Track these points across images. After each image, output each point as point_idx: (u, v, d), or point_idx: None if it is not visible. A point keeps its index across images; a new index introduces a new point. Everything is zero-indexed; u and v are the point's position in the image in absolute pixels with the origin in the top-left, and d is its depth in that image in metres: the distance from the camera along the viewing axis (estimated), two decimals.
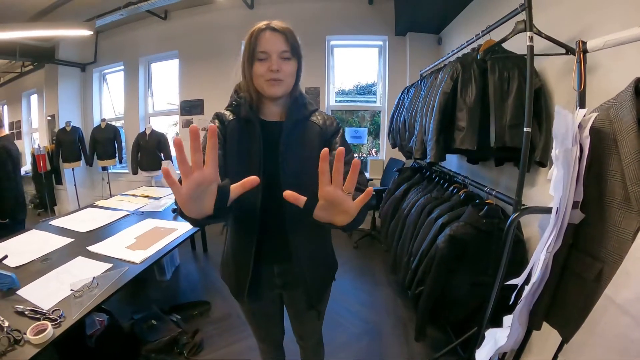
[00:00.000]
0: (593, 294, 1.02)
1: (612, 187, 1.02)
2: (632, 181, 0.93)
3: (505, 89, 2.14)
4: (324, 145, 1.30)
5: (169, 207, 3.53)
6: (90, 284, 1.90)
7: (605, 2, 1.69)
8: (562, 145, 1.07)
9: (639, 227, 0.92)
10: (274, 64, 1.22)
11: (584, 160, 1.06)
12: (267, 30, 1.22)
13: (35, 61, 6.85)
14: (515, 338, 1.34)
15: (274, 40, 1.21)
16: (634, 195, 0.93)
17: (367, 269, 4.16)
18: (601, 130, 1.05)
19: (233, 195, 0.91)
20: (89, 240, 2.59)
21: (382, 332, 2.90)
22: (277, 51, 1.22)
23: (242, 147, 1.31)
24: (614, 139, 1.01)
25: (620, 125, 0.98)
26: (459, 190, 2.63)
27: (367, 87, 6.10)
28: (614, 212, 1.01)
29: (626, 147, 0.95)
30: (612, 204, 1.02)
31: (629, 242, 0.93)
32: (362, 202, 0.93)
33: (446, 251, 2.10)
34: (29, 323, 1.55)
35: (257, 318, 1.68)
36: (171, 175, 0.80)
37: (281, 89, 1.27)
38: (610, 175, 1.02)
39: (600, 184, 1.06)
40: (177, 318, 2.87)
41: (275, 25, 1.23)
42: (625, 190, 0.96)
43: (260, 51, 1.22)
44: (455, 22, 4.23)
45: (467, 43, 2.62)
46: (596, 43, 1.44)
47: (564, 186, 1.07)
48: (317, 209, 0.97)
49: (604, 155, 1.05)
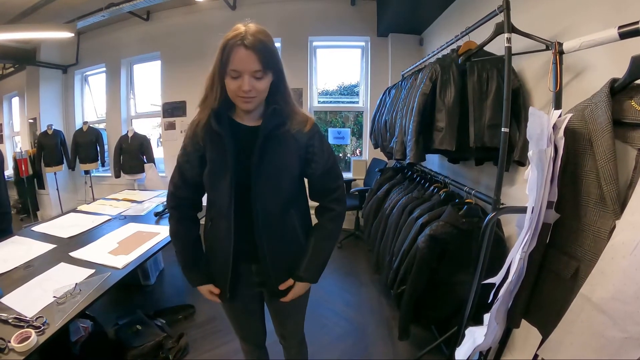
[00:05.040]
0: (570, 292, 1.04)
1: (587, 187, 1.04)
2: (607, 181, 0.94)
3: (484, 90, 2.17)
4: (299, 151, 1.36)
5: (152, 210, 3.49)
6: (73, 291, 1.87)
7: (583, 3, 1.72)
8: (537, 146, 1.09)
9: (613, 226, 0.93)
10: (245, 84, 1.21)
11: (559, 161, 1.08)
12: (240, 47, 1.18)
13: (16, 63, 6.75)
14: (493, 337, 1.36)
15: (246, 59, 1.19)
16: (609, 195, 0.94)
17: (352, 269, 4.17)
18: (576, 130, 1.07)
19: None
20: (71, 246, 2.55)
21: (366, 332, 2.91)
22: (249, 71, 1.20)
23: (216, 153, 1.33)
24: (589, 139, 1.02)
25: (595, 126, 1.00)
26: (439, 190, 2.66)
27: (350, 88, 6.12)
28: (590, 212, 1.03)
29: (601, 147, 0.97)
30: (588, 203, 1.04)
31: (605, 240, 0.95)
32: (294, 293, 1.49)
33: (426, 250, 2.12)
34: (13, 331, 1.52)
35: (239, 317, 1.70)
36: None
37: (253, 104, 1.29)
38: (586, 175, 1.04)
39: (575, 183, 1.09)
40: (162, 322, 2.84)
41: (249, 41, 1.18)
42: (600, 189, 0.98)
43: (232, 69, 1.20)
44: (437, 23, 4.27)
45: (447, 44, 2.64)
46: (572, 44, 1.47)
47: (538, 186, 1.09)
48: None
49: (580, 156, 1.07)
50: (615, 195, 0.93)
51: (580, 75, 1.69)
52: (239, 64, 1.19)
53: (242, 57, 1.18)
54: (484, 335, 1.36)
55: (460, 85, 2.24)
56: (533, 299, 1.27)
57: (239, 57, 1.18)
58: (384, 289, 3.46)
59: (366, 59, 5.56)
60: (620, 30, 1.15)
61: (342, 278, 3.99)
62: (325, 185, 1.49)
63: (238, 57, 1.18)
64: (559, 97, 1.60)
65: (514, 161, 2.09)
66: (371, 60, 5.42)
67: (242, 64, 1.19)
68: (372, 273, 3.80)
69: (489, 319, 1.33)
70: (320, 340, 2.77)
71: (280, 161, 1.34)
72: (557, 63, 1.56)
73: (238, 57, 1.18)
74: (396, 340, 2.60)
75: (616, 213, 0.93)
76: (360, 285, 3.76)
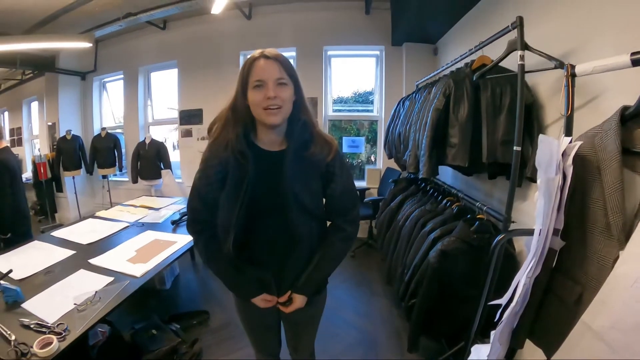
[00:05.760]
0: (573, 317, 1.04)
1: (594, 215, 1.04)
2: (613, 211, 0.95)
3: (498, 105, 2.18)
4: (321, 170, 1.40)
5: (169, 218, 3.56)
6: (93, 298, 1.93)
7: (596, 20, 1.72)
8: (545, 174, 1.10)
9: (618, 256, 0.93)
10: (270, 90, 1.23)
11: (566, 189, 1.08)
12: (260, 59, 1.23)
13: (36, 70, 6.88)
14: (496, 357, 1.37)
15: (268, 68, 1.23)
16: (614, 224, 0.94)
17: (364, 279, 4.18)
18: (586, 158, 1.07)
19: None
20: (90, 253, 2.62)
21: (377, 342, 2.93)
22: (272, 78, 1.23)
23: (237, 175, 1.35)
24: (597, 167, 1.02)
25: (604, 155, 0.99)
26: (452, 204, 2.67)
27: (365, 95, 6.12)
28: (596, 239, 1.03)
29: (609, 175, 0.96)
30: (594, 230, 1.04)
31: (609, 269, 0.94)
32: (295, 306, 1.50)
33: (437, 265, 2.14)
34: (35, 336, 1.58)
35: (255, 330, 1.73)
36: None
37: (280, 117, 1.29)
38: (593, 203, 1.04)
39: (583, 210, 1.08)
40: (177, 327, 2.89)
41: (269, 53, 1.24)
42: (606, 218, 0.98)
43: (256, 80, 1.24)
44: (451, 32, 4.27)
45: (460, 57, 2.67)
46: (585, 68, 1.45)
47: (545, 214, 1.10)
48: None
49: (588, 183, 1.06)
50: (621, 225, 0.93)
51: (593, 96, 1.68)
52: (261, 73, 1.23)
53: (264, 66, 1.23)
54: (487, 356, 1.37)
55: (473, 100, 2.26)
56: (538, 321, 1.28)
57: (260, 67, 1.23)
58: (395, 300, 3.46)
59: (381, 68, 5.57)
60: (633, 57, 1.14)
61: (354, 287, 4.01)
62: (343, 205, 1.51)
63: (260, 67, 1.23)
64: (570, 121, 1.59)
65: (526, 177, 2.09)
66: (385, 69, 5.43)
67: (265, 73, 1.23)
68: (384, 283, 3.80)
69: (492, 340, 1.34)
70: (331, 349, 2.80)
71: (306, 181, 1.39)
72: (570, 86, 1.55)
73: (260, 67, 1.23)
74: (406, 351, 2.62)
75: (621, 242, 0.93)
76: (371, 295, 3.77)
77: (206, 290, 3.88)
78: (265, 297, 1.47)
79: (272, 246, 1.44)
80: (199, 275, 4.36)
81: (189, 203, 1.47)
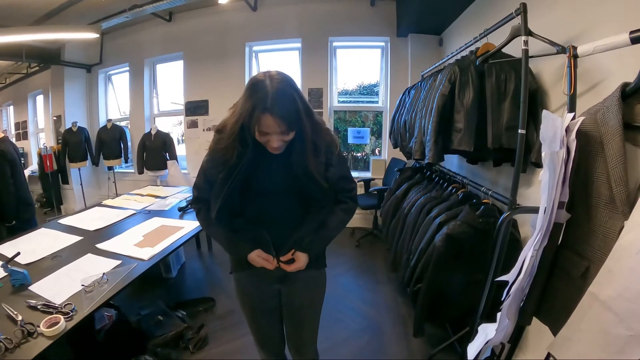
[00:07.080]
0: (579, 292, 1.06)
1: (598, 188, 1.06)
2: (616, 183, 0.96)
3: (502, 91, 2.18)
4: (320, 160, 1.45)
5: (175, 205, 3.58)
6: (101, 280, 1.96)
7: (600, 5, 1.72)
8: (549, 148, 1.11)
9: (622, 226, 0.95)
10: (274, 141, 1.29)
11: (570, 163, 1.10)
12: (267, 115, 1.21)
13: (42, 62, 6.91)
14: (504, 332, 1.37)
15: (273, 125, 1.24)
16: (618, 196, 0.97)
17: (369, 267, 4.21)
18: (589, 133, 1.08)
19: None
20: (97, 238, 2.64)
21: (382, 329, 2.95)
22: (277, 132, 1.27)
23: (236, 160, 1.38)
24: (600, 142, 1.04)
25: (606, 129, 1.01)
26: (457, 190, 2.68)
27: (370, 87, 6.13)
28: (600, 212, 1.05)
29: (612, 149, 0.99)
30: (598, 204, 1.06)
31: (614, 241, 0.96)
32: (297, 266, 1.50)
33: (443, 249, 2.15)
34: (42, 317, 1.60)
35: (258, 317, 1.74)
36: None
37: (282, 149, 1.36)
38: (597, 177, 1.06)
39: (587, 185, 1.10)
40: (183, 314, 2.93)
41: (275, 110, 1.21)
42: (610, 191, 1.00)
43: (260, 130, 1.26)
44: (456, 23, 4.27)
45: (465, 46, 2.66)
46: (586, 48, 1.46)
47: (550, 187, 1.11)
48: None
49: (591, 158, 1.08)
50: (625, 196, 0.95)
51: (596, 78, 1.69)
52: (266, 128, 1.25)
53: (270, 123, 1.24)
54: (495, 331, 1.38)
55: (478, 86, 2.26)
56: (544, 297, 1.29)
57: (266, 123, 1.24)
58: (400, 287, 3.50)
59: (386, 59, 5.57)
60: (632, 35, 1.16)
61: (359, 275, 4.05)
62: (341, 187, 1.58)
63: (265, 123, 1.24)
64: (574, 100, 1.61)
65: (531, 163, 2.08)
66: (391, 60, 5.43)
67: (270, 128, 1.25)
68: (388, 271, 3.83)
69: (500, 315, 1.36)
70: (336, 335, 2.82)
71: (310, 169, 1.40)
72: (572, 66, 1.57)
73: (265, 123, 1.24)
74: (411, 337, 2.63)
75: (625, 214, 0.95)
76: (377, 283, 3.79)
77: (212, 278, 3.92)
78: (261, 253, 1.49)
79: (267, 223, 1.51)
80: (205, 263, 4.40)
81: (196, 182, 1.57)
